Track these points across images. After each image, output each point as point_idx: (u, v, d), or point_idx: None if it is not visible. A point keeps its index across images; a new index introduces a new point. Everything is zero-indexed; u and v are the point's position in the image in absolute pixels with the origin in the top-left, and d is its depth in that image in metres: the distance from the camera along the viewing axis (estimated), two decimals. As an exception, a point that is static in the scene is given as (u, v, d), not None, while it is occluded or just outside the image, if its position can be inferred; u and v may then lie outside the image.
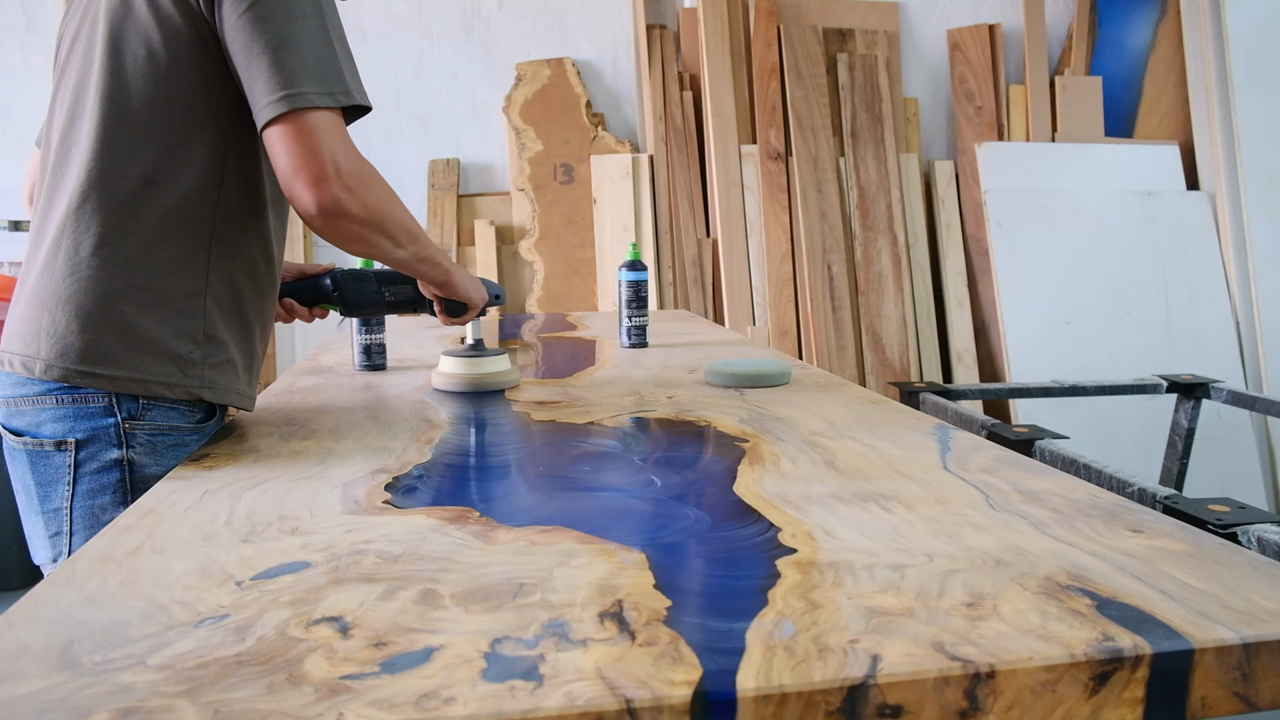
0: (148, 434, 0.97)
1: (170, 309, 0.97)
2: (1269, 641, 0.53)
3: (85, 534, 0.95)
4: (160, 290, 0.97)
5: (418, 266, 1.08)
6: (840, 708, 0.48)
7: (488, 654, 0.51)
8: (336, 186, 0.89)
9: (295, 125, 0.88)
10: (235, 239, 1.01)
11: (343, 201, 0.90)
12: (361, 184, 0.91)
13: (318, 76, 0.89)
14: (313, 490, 0.84)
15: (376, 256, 1.01)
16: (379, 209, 0.94)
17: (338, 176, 0.89)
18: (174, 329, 0.97)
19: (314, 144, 0.88)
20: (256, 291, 1.06)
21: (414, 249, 1.05)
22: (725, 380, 1.38)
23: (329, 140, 0.89)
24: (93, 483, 0.96)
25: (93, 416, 0.95)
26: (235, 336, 1.03)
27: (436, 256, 1.11)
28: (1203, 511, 1.03)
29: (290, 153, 0.88)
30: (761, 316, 3.24)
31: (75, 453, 0.95)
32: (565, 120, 3.33)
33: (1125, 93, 3.58)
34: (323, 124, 0.89)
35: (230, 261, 1.01)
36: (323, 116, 0.89)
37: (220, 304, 1.01)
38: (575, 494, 0.85)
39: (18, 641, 0.53)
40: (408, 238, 1.02)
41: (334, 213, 0.90)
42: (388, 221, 0.97)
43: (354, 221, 0.92)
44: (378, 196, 0.94)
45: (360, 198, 0.91)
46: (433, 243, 1.10)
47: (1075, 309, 3.29)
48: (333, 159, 0.89)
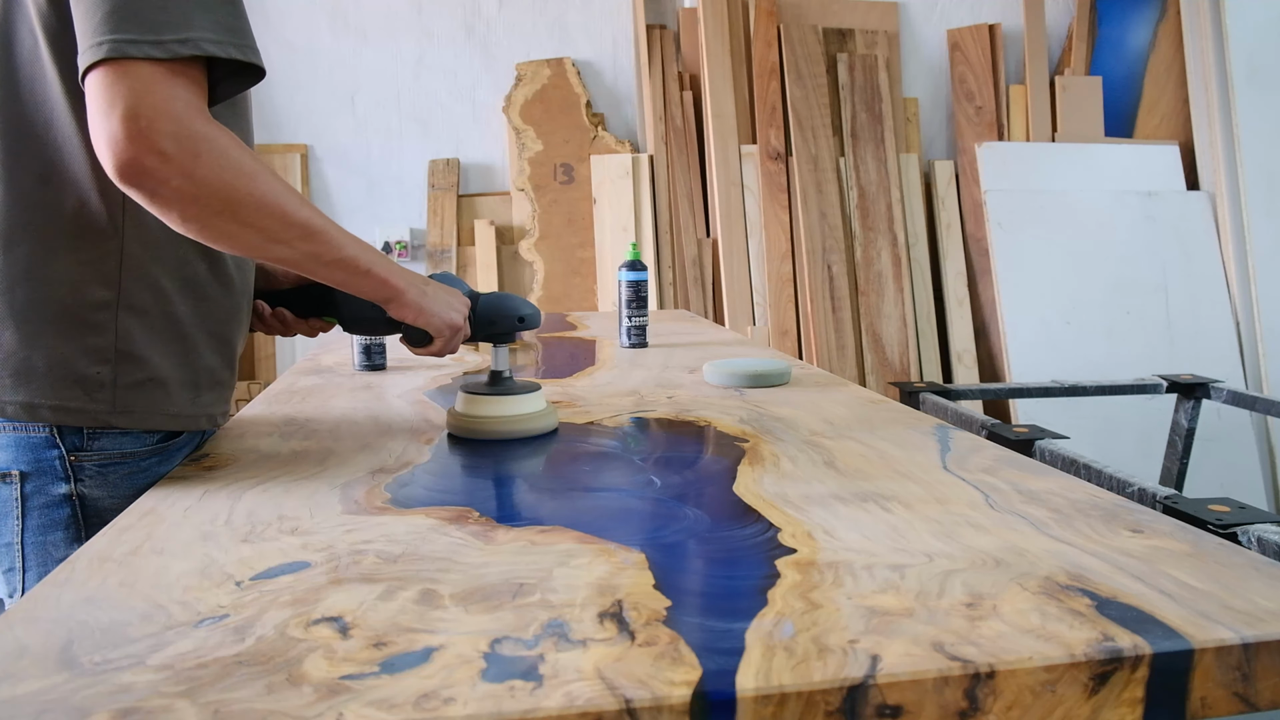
0: (97, 465, 0.87)
1: (74, 324, 0.85)
2: (1269, 642, 0.53)
3: (39, 571, 0.87)
4: (63, 303, 0.84)
5: (329, 273, 0.86)
6: (840, 708, 0.48)
7: (487, 654, 0.51)
8: (142, 148, 0.70)
9: (101, 78, 0.71)
10: (156, 240, 0.88)
11: (152, 169, 0.71)
12: (189, 150, 0.72)
13: (144, 23, 0.71)
14: (312, 490, 0.84)
15: (249, 254, 0.82)
16: (221, 185, 0.74)
17: (145, 136, 0.70)
18: (79, 347, 0.85)
19: (117, 95, 0.70)
20: (195, 297, 0.93)
21: (309, 248, 0.82)
22: (725, 380, 1.38)
23: (140, 94, 0.70)
24: (42, 518, 0.87)
25: (35, 448, 0.86)
26: (165, 350, 0.90)
27: (364, 262, 0.88)
28: (1203, 511, 1.03)
29: (92, 109, 0.71)
30: (761, 316, 3.24)
31: (21, 486, 0.86)
32: (565, 120, 3.33)
33: (1125, 93, 3.58)
34: (137, 75, 0.70)
35: (152, 265, 0.88)
36: (140, 68, 0.70)
37: (140, 315, 0.88)
38: (575, 494, 0.84)
39: (17, 641, 0.53)
40: (294, 232, 0.80)
41: (143, 182, 0.71)
42: (241, 204, 0.76)
43: (178, 198, 0.73)
44: (218, 169, 0.74)
45: (184, 166, 0.72)
46: (365, 246, 0.89)
47: (1075, 309, 3.29)
48: (141, 113, 0.70)
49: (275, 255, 0.82)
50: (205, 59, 0.75)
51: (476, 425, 1.04)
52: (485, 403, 1.05)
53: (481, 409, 1.05)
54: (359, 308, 1.02)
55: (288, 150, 3.23)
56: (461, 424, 1.06)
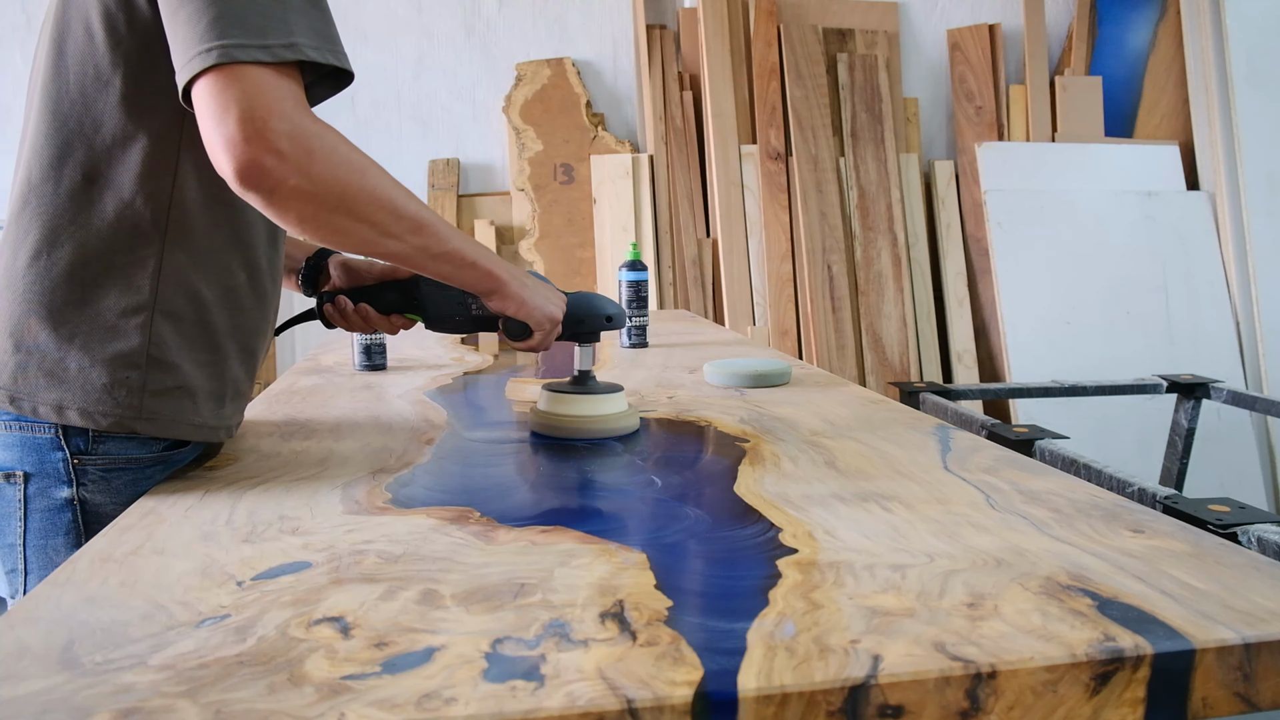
0: (101, 469, 0.86)
1: (108, 328, 0.85)
2: (1270, 641, 0.53)
3: (40, 574, 0.87)
4: (99, 306, 0.84)
5: (436, 266, 0.87)
6: (841, 708, 0.48)
7: (489, 654, 0.51)
8: (259, 149, 0.70)
9: (212, 83, 0.70)
10: (199, 246, 0.88)
11: (270, 169, 0.71)
12: (303, 148, 0.72)
13: (250, 28, 0.71)
14: (313, 490, 0.84)
15: (362, 250, 0.82)
16: (335, 182, 0.75)
17: (261, 137, 0.70)
18: (111, 351, 0.84)
19: (230, 99, 0.70)
20: (232, 307, 0.92)
21: (419, 241, 0.84)
22: (725, 380, 1.38)
23: (253, 95, 0.70)
24: (44, 521, 0.86)
25: (40, 449, 0.85)
26: (196, 360, 0.89)
27: (469, 254, 0.89)
28: (1203, 511, 1.03)
29: (205, 116, 0.71)
30: (761, 316, 3.24)
31: (25, 486, 0.86)
32: (565, 120, 3.33)
33: (1125, 93, 3.58)
34: (248, 77, 0.71)
35: (192, 273, 0.88)
36: (250, 71, 0.71)
37: (175, 322, 0.87)
38: (576, 494, 0.84)
39: (18, 641, 0.53)
40: (404, 225, 0.82)
41: (261, 183, 0.72)
42: (355, 199, 0.77)
43: (295, 197, 0.73)
44: (332, 165, 0.75)
45: (300, 165, 0.72)
46: (467, 238, 0.90)
47: (1075, 309, 3.29)
48: (255, 115, 0.70)
49: (388, 250, 0.83)
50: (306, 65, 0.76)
51: (561, 424, 1.05)
52: (571, 402, 1.05)
53: (567, 408, 1.05)
54: (444, 304, 1.02)
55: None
56: (547, 422, 1.06)
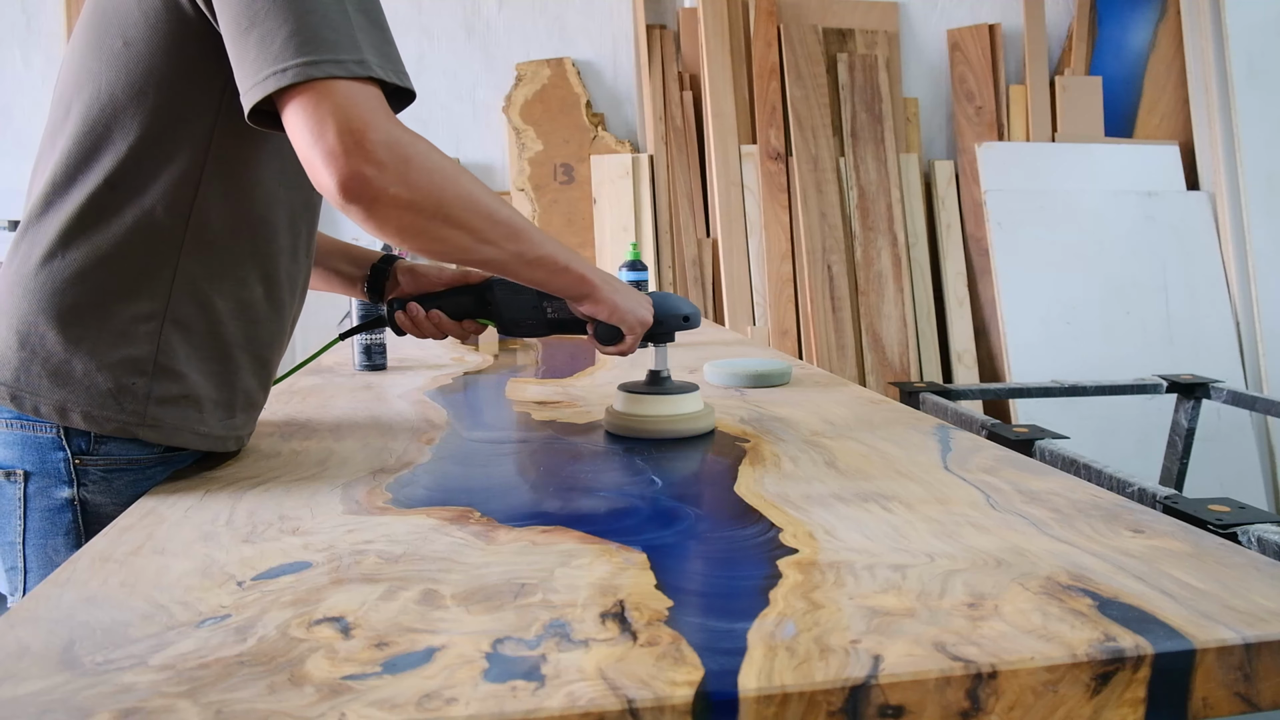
0: (102, 470, 0.86)
1: (117, 333, 0.84)
2: (1270, 642, 0.53)
3: (40, 574, 0.87)
4: (109, 310, 0.84)
5: (530, 272, 0.88)
6: (842, 708, 0.48)
7: (489, 654, 0.51)
8: (360, 160, 0.71)
9: (304, 101, 0.71)
10: (216, 258, 0.88)
11: (371, 179, 0.72)
12: (400, 157, 0.73)
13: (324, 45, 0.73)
14: (313, 490, 0.84)
15: (459, 258, 0.83)
16: (433, 189, 0.76)
17: (361, 148, 0.71)
18: (119, 356, 0.84)
19: (326, 113, 0.71)
20: (246, 318, 0.92)
21: (515, 247, 0.84)
22: (726, 380, 1.38)
23: (348, 109, 0.71)
24: (44, 521, 0.86)
25: (41, 448, 0.85)
26: (205, 369, 0.89)
27: (562, 259, 0.90)
28: (1203, 511, 1.03)
29: (300, 133, 0.72)
30: (761, 316, 3.24)
31: (25, 485, 0.86)
32: (565, 120, 3.33)
33: (1125, 93, 3.58)
34: (337, 91, 0.72)
35: (206, 284, 0.87)
36: (335, 85, 0.72)
37: (185, 331, 0.87)
38: (576, 494, 0.84)
39: (19, 642, 0.53)
40: (500, 231, 0.82)
41: (362, 195, 0.73)
42: (453, 206, 0.78)
43: (395, 206, 0.74)
44: (429, 173, 0.76)
45: (399, 174, 0.73)
46: (557, 243, 0.90)
47: (1075, 309, 3.29)
48: (354, 127, 0.71)
49: (484, 256, 0.83)
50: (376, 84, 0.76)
51: (639, 424, 1.05)
52: (647, 402, 1.06)
53: (644, 408, 1.06)
54: (518, 309, 1.03)
55: (288, 150, 3.23)
56: (623, 423, 1.06)
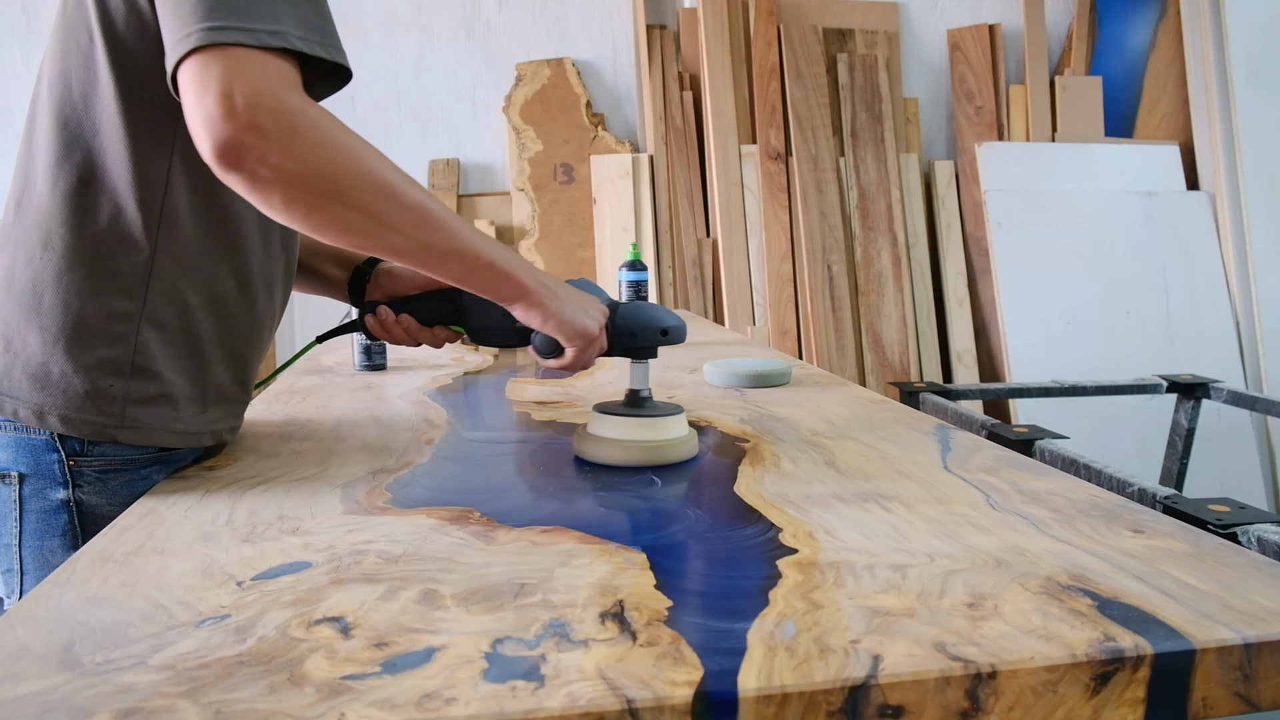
0: (97, 471, 0.86)
1: (94, 334, 0.83)
2: (1270, 642, 0.53)
3: (36, 575, 0.86)
4: (85, 311, 0.83)
5: (444, 266, 0.80)
6: (841, 708, 0.48)
7: (489, 654, 0.51)
8: (238, 126, 0.66)
9: (194, 64, 0.67)
10: (188, 253, 0.86)
11: (250, 147, 0.67)
12: (287, 125, 0.67)
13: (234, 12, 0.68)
14: (313, 490, 0.84)
15: (358, 243, 0.76)
16: (323, 164, 0.70)
17: (240, 114, 0.66)
18: (96, 357, 0.83)
19: (211, 77, 0.66)
20: (218, 314, 0.90)
21: (423, 235, 0.76)
22: (726, 380, 1.38)
23: (235, 72, 0.67)
24: (39, 522, 0.86)
25: (35, 450, 0.84)
26: (179, 366, 0.88)
27: (485, 255, 0.81)
28: (1203, 511, 1.03)
29: (186, 97, 0.68)
30: (761, 316, 3.24)
31: (20, 487, 0.85)
32: (565, 120, 3.33)
33: (1125, 93, 3.58)
34: (231, 55, 0.67)
35: (180, 281, 0.86)
36: (233, 51, 0.67)
37: (161, 330, 0.86)
38: (576, 494, 0.85)
39: (19, 642, 0.53)
40: (405, 216, 0.75)
41: (239, 163, 0.67)
42: (347, 183, 0.71)
43: (278, 179, 0.68)
44: (320, 145, 0.69)
45: (283, 144, 0.67)
46: (488, 239, 0.82)
47: (1075, 309, 3.29)
48: (236, 90, 0.66)
49: (387, 243, 0.76)
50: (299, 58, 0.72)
51: (611, 451, 0.93)
52: (622, 425, 0.93)
53: (618, 432, 0.93)
54: (489, 315, 0.95)
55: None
56: (595, 448, 0.94)
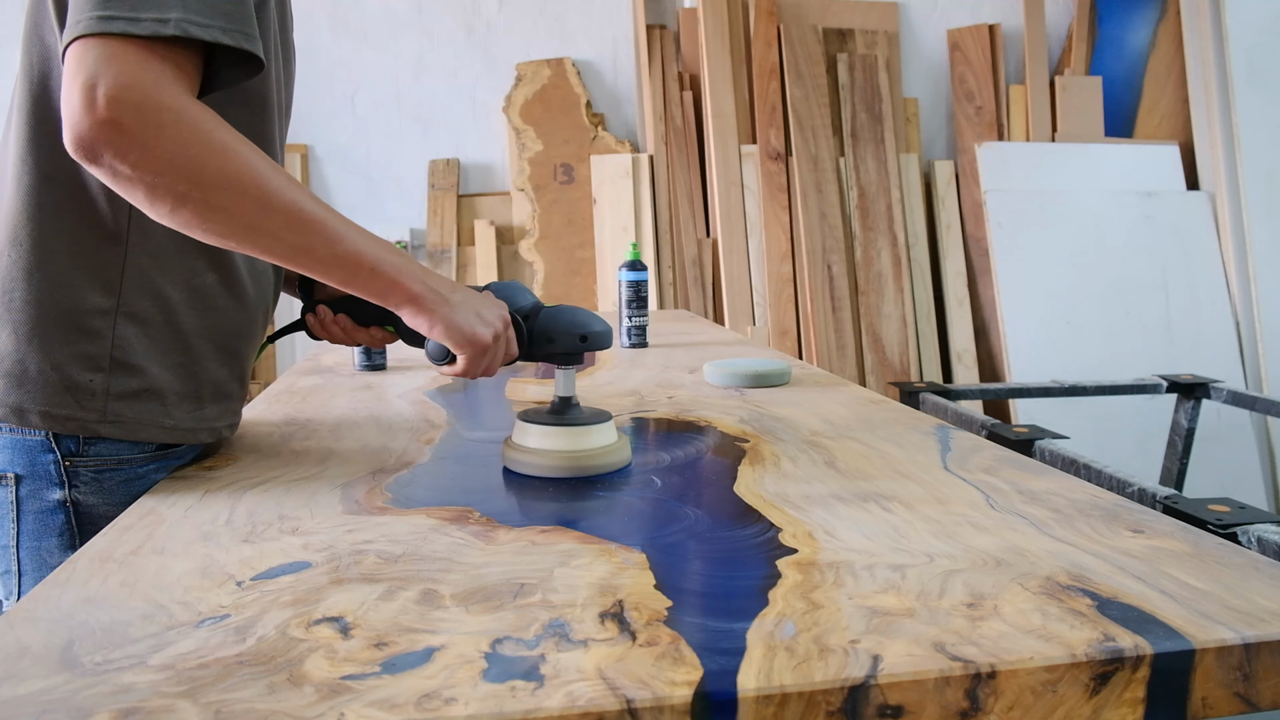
0: (93, 471, 0.85)
1: (70, 329, 0.82)
2: (1270, 642, 0.53)
3: (35, 576, 0.86)
4: (59, 307, 0.82)
5: (326, 271, 0.77)
6: (841, 708, 0.48)
7: (488, 654, 0.51)
8: (95, 120, 0.65)
9: (70, 54, 0.66)
10: (161, 247, 0.85)
11: (107, 141, 0.65)
12: (152, 122, 0.66)
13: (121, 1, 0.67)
14: (313, 490, 0.84)
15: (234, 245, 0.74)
16: (188, 162, 0.67)
17: (97, 106, 0.65)
18: (72, 352, 0.82)
19: (78, 69, 0.65)
20: (203, 308, 0.89)
21: (299, 240, 0.74)
22: (725, 380, 1.38)
23: (103, 65, 0.65)
24: (37, 523, 0.86)
25: (31, 450, 0.84)
26: (166, 362, 0.87)
27: (369, 260, 0.78)
28: (1203, 511, 1.03)
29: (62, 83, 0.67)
30: (761, 316, 3.24)
31: (16, 488, 0.85)
32: (565, 120, 3.33)
33: (1125, 93, 3.58)
34: (105, 47, 0.66)
35: (157, 274, 0.85)
36: (111, 43, 0.66)
37: (141, 324, 0.85)
38: (575, 494, 0.84)
39: (18, 642, 0.53)
40: (277, 219, 0.72)
41: (96, 156, 0.66)
42: (211, 183, 0.69)
43: (139, 175, 0.67)
44: (185, 144, 0.67)
45: (144, 140, 0.66)
46: (377, 242, 0.80)
47: (1075, 309, 3.29)
48: (99, 84, 0.65)
49: (262, 247, 0.74)
50: (200, 45, 0.70)
51: (536, 461, 0.89)
52: (547, 434, 0.90)
53: (542, 442, 0.90)
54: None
55: (288, 150, 3.22)
56: (520, 458, 0.90)
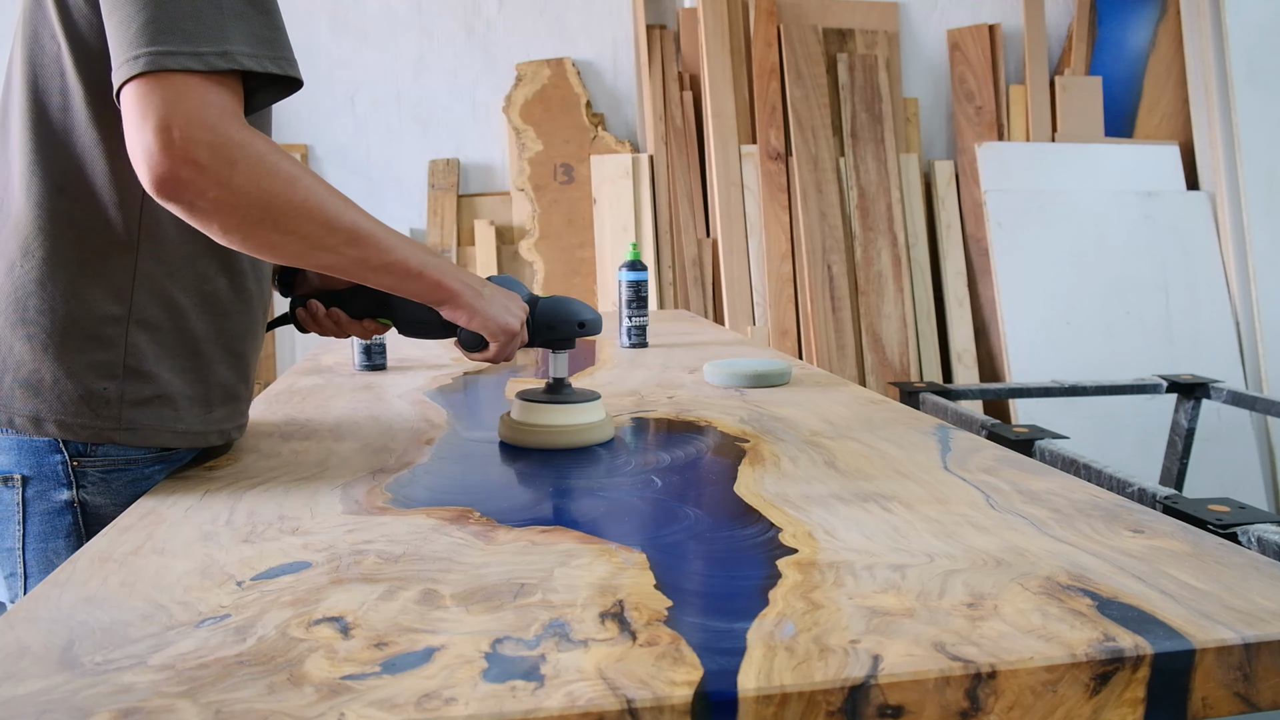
0: (100, 471, 0.86)
1: (83, 338, 0.84)
2: (1270, 642, 0.53)
3: (40, 577, 0.86)
4: (73, 316, 0.83)
5: (378, 278, 0.84)
6: (841, 708, 0.48)
7: (488, 654, 0.51)
8: (175, 160, 0.69)
9: (135, 90, 0.69)
10: (173, 254, 0.87)
11: (188, 181, 0.69)
12: (225, 159, 0.70)
13: (181, 35, 0.70)
14: (313, 490, 0.84)
15: (296, 263, 0.80)
16: (259, 195, 0.73)
17: (175, 146, 0.68)
18: (87, 361, 0.84)
19: (149, 108, 0.69)
20: (213, 313, 0.91)
21: (357, 253, 0.80)
22: (725, 380, 1.38)
23: (174, 104, 0.69)
24: (44, 524, 0.86)
25: (38, 451, 0.85)
26: (176, 367, 0.89)
27: (414, 265, 0.86)
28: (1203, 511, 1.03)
29: (127, 124, 0.70)
30: (761, 316, 3.24)
31: (23, 490, 0.85)
32: (565, 120, 3.33)
33: (1125, 93, 3.58)
34: (171, 86, 0.69)
35: (168, 281, 0.87)
36: (175, 79, 0.69)
37: (152, 331, 0.87)
38: (575, 494, 0.85)
39: (18, 642, 0.53)
40: (338, 238, 0.79)
41: (179, 195, 0.70)
42: (281, 212, 0.74)
43: (217, 209, 0.72)
44: (256, 177, 0.72)
45: (221, 177, 0.70)
46: (417, 247, 0.87)
47: (1075, 309, 3.29)
48: (174, 124, 0.68)
49: (322, 262, 0.80)
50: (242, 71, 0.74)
51: (533, 435, 1.01)
52: (543, 411, 1.01)
53: (539, 418, 1.01)
54: (414, 310, 0.99)
55: (288, 150, 3.23)
56: (517, 433, 1.02)
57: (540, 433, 1.01)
